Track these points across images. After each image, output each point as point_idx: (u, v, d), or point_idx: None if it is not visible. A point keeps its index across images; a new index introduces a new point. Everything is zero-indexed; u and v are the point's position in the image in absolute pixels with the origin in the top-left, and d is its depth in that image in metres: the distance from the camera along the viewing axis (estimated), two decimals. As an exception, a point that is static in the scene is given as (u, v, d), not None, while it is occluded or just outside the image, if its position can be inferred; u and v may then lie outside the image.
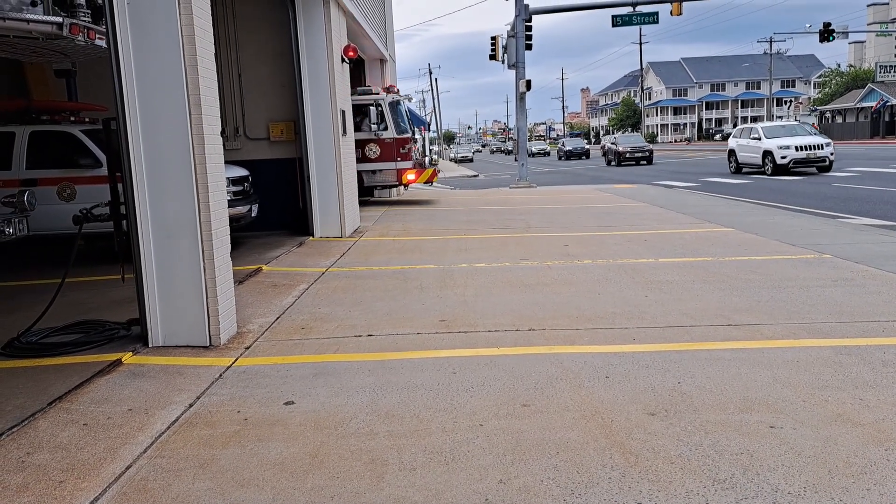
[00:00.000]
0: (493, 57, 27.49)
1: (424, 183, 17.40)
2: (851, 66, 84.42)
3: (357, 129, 16.11)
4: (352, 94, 16.35)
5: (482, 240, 10.66)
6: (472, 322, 5.89)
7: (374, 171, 16.34)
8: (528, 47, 26.00)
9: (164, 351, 5.31)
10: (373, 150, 16.18)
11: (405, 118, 17.17)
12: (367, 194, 16.68)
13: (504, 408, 4.00)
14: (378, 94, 16.41)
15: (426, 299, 6.77)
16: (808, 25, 58.10)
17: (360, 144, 16.08)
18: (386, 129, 16.21)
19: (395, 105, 16.58)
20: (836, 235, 10.09)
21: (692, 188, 20.88)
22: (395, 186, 16.87)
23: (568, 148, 60.20)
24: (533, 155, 67.41)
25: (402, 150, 16.39)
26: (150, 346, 5.38)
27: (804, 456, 3.29)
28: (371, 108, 16.09)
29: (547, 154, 72.73)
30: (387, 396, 4.24)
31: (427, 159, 17.28)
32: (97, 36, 6.59)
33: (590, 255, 8.95)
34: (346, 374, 4.68)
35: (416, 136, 17.32)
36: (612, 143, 43.85)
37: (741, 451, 3.35)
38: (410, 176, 16.52)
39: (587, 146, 61.92)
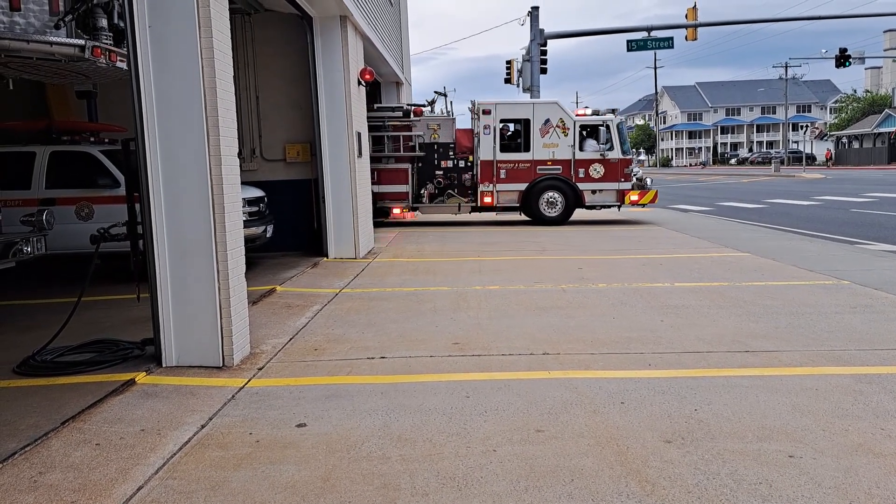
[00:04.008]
0: (507, 80, 27.67)
1: (640, 205, 17.19)
2: (868, 91, 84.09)
3: (580, 148, 16.32)
4: (581, 115, 16.61)
5: (496, 262, 10.63)
6: (485, 345, 5.85)
7: (594, 191, 16.46)
8: (544, 71, 26.18)
9: (177, 371, 5.31)
10: (596, 170, 16.33)
11: (628, 140, 17.29)
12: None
13: (518, 433, 3.95)
14: (605, 114, 16.69)
15: (439, 321, 6.74)
16: (823, 51, 58.09)
17: (584, 164, 16.32)
18: (611, 149, 16.33)
19: (620, 126, 16.71)
20: (854, 261, 9.98)
21: (707, 212, 20.77)
22: (613, 206, 16.87)
23: None
24: None
25: (625, 171, 16.52)
26: (164, 365, 5.39)
27: (824, 486, 3.22)
28: (600, 128, 16.28)
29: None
30: (399, 420, 4.21)
31: (649, 180, 17.16)
32: (118, 58, 6.68)
33: (604, 278, 8.90)
34: (359, 396, 4.65)
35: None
36: None
37: (760, 481, 3.29)
38: (633, 197, 16.57)
39: None
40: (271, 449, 3.84)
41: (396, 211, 16.93)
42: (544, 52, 26.22)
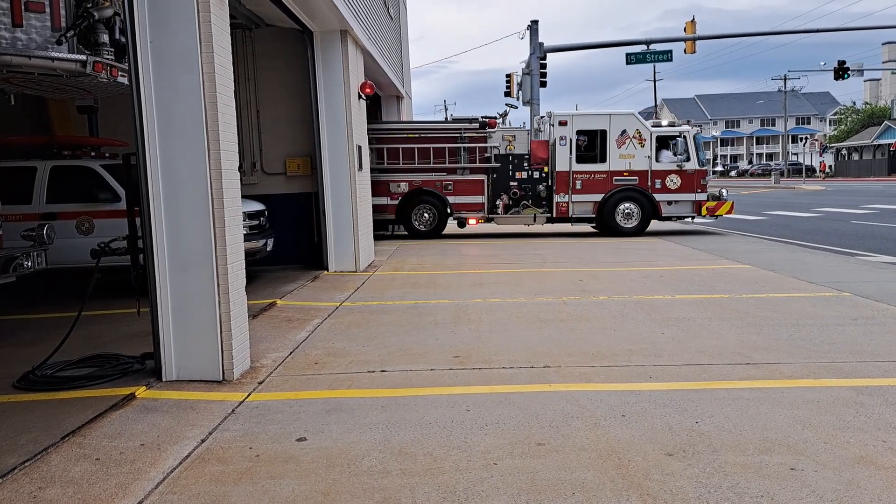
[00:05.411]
0: (507, 94, 27.78)
1: (714, 216, 17.12)
2: (867, 103, 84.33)
3: (657, 159, 16.34)
4: (655, 126, 16.55)
5: (497, 274, 10.63)
6: (486, 358, 5.84)
7: (670, 202, 16.47)
8: (543, 84, 26.29)
9: (177, 385, 5.30)
10: (673, 181, 16.35)
11: (703, 150, 17.26)
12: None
13: (519, 446, 3.94)
14: (682, 125, 16.77)
15: (440, 335, 6.73)
16: (822, 63, 58.25)
17: (661, 175, 16.34)
18: (688, 160, 16.38)
19: (697, 137, 16.74)
20: (855, 273, 9.98)
21: (707, 224, 20.77)
22: (689, 217, 16.87)
23: None
24: None
25: (702, 182, 16.55)
26: (164, 380, 5.38)
27: (826, 500, 3.21)
28: (677, 139, 16.35)
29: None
30: (400, 434, 4.20)
31: (724, 191, 17.12)
32: (120, 73, 6.71)
33: (605, 290, 8.90)
34: (359, 410, 4.64)
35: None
36: None
37: (761, 494, 3.28)
38: (710, 208, 16.58)
39: None
40: (271, 463, 3.82)
41: (472, 222, 17.02)
42: (544, 66, 26.33)
